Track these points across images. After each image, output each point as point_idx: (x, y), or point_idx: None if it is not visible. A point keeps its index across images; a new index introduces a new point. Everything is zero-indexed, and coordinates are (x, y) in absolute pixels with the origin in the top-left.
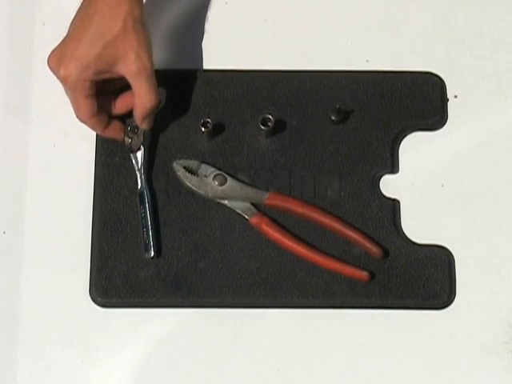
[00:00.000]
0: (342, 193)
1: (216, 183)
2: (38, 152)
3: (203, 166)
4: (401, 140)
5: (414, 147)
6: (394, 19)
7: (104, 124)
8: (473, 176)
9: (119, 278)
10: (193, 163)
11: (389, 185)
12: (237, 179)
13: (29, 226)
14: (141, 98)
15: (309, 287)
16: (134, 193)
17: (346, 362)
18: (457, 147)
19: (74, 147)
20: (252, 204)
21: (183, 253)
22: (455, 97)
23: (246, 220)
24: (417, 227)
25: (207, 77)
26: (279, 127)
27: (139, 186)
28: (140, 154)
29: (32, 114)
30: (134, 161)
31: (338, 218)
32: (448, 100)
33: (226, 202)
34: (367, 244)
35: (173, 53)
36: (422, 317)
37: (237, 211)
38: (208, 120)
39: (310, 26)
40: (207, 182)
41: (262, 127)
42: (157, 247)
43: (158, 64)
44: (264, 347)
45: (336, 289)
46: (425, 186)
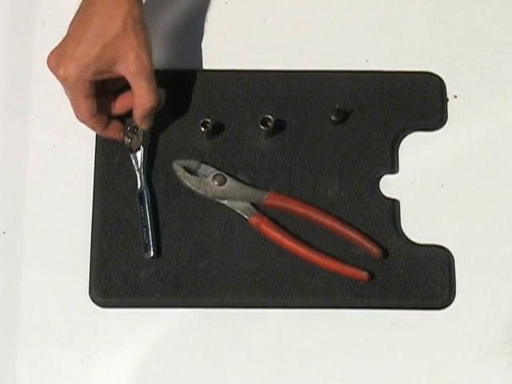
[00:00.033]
0: (342, 193)
1: (216, 183)
2: (38, 152)
3: (203, 166)
4: (401, 140)
5: (414, 147)
6: (394, 19)
7: (104, 124)
8: (472, 176)
9: (119, 278)
10: (192, 163)
11: (388, 185)
12: (236, 179)
13: (29, 226)
14: (140, 98)
15: (308, 287)
16: (134, 193)
17: (346, 362)
18: (456, 147)
19: (74, 147)
20: (252, 204)
21: (183, 253)
22: (455, 97)
23: (246, 220)
24: (416, 227)
25: (207, 77)
26: (279, 127)
27: (139, 186)
28: (140, 154)
29: (32, 114)
30: (134, 161)
31: (338, 218)
32: (448, 100)
33: (226, 202)
34: (367, 244)
35: (172, 53)
36: (422, 317)
37: (236, 211)
38: (208, 120)
39: (310, 26)
40: (207, 182)
41: (262, 127)
42: (156, 247)
43: (158, 64)
44: (264, 347)
45: (336, 289)
46: (424, 186)
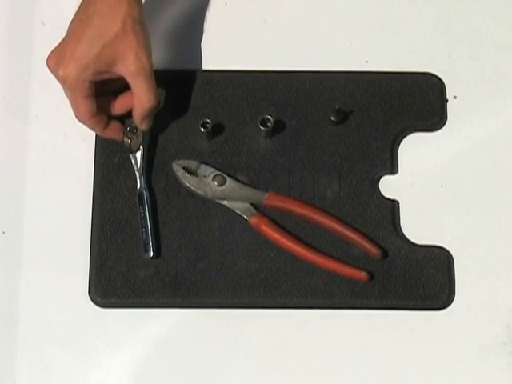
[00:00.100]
0: (342, 193)
1: (215, 184)
2: (38, 152)
3: (202, 167)
4: (400, 141)
5: (414, 148)
6: (394, 20)
7: (103, 124)
8: (472, 177)
9: (118, 279)
10: (192, 163)
11: (388, 185)
12: (236, 180)
13: (28, 226)
14: (140, 99)
15: (308, 288)
16: (134, 193)
17: (346, 363)
18: (456, 148)
19: (74, 147)
20: (251, 204)
21: (182, 253)
22: (455, 97)
23: (246, 220)
24: (416, 228)
25: (207, 77)
26: (279, 128)
27: (138, 187)
28: (139, 155)
29: (31, 115)
30: (134, 161)
31: (338, 219)
32: (447, 101)
33: (226, 203)
34: (366, 244)
35: (172, 53)
36: (421, 317)
37: (236, 212)
38: (207, 120)
39: (310, 27)
40: (206, 183)
41: (262, 128)
42: (156, 247)
43: (158, 64)
44: (263, 347)
45: (335, 289)
46: (424, 187)
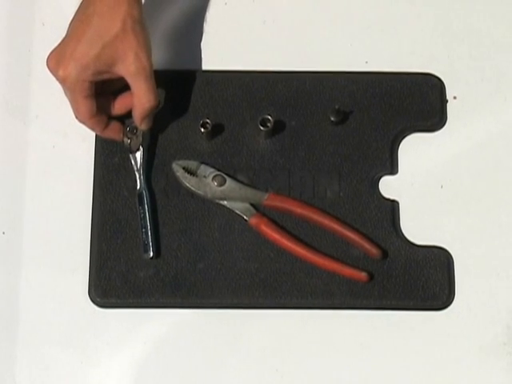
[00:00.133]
0: (342, 193)
1: (215, 184)
2: (38, 152)
3: (202, 167)
4: (400, 141)
5: (414, 148)
6: (394, 20)
7: (103, 124)
8: (472, 177)
9: (118, 279)
10: (192, 164)
11: (388, 186)
12: (236, 180)
13: (28, 227)
14: (140, 99)
15: (308, 288)
16: (134, 193)
17: (345, 363)
18: (456, 148)
19: (74, 148)
20: (251, 205)
21: (182, 253)
22: (454, 98)
23: (245, 221)
24: (416, 228)
25: (206, 77)
26: (278, 128)
27: (138, 187)
28: (139, 155)
29: (31, 115)
30: (134, 161)
31: (337, 219)
32: (447, 101)
33: (225, 203)
34: (366, 245)
35: (172, 53)
36: (421, 318)
37: (236, 212)
38: (207, 121)
39: (310, 27)
40: (206, 183)
41: (262, 128)
42: (156, 248)
43: (158, 64)
44: (263, 348)
45: (335, 289)
46: (424, 187)
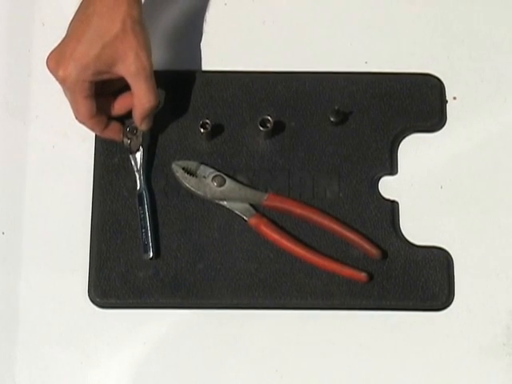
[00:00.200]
0: (341, 194)
1: (215, 184)
2: (37, 152)
3: (202, 167)
4: (400, 141)
5: (413, 149)
6: (393, 21)
7: (103, 125)
8: (471, 178)
9: (118, 279)
10: (192, 164)
11: (387, 186)
12: (236, 180)
13: (28, 227)
14: (140, 99)
15: (307, 288)
16: (133, 193)
17: (345, 363)
18: (456, 149)
19: (74, 148)
20: (251, 205)
21: (182, 254)
22: (454, 98)
23: (245, 221)
24: (415, 229)
25: (206, 78)
26: (278, 128)
27: (138, 187)
28: (139, 155)
29: (31, 115)
30: (133, 161)
31: (337, 219)
32: (447, 102)
33: (225, 203)
34: (366, 245)
35: (172, 54)
36: (421, 318)
37: (235, 212)
38: (207, 121)
39: (309, 28)
40: (206, 183)
41: (261, 128)
42: (156, 248)
43: (157, 65)
44: (263, 348)
45: (335, 290)
46: (423, 188)
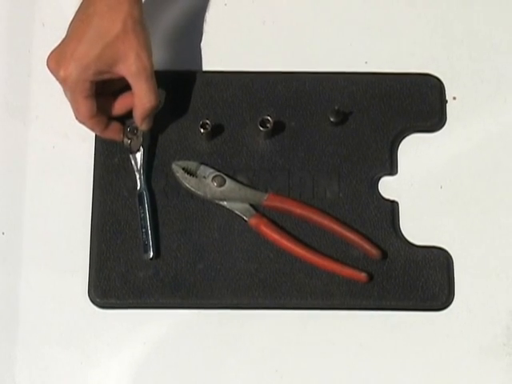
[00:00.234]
0: (341, 194)
1: (215, 184)
2: (38, 153)
3: (202, 167)
4: (400, 141)
5: (413, 149)
6: (393, 21)
7: (103, 125)
8: (471, 178)
9: (118, 279)
10: (192, 164)
11: (387, 186)
12: (236, 180)
13: (28, 227)
14: (140, 99)
15: (307, 288)
16: (133, 194)
17: (345, 364)
18: (455, 149)
19: (74, 148)
20: (251, 205)
21: (182, 254)
22: (454, 98)
23: (245, 221)
24: (415, 229)
25: (206, 78)
26: (278, 128)
27: (138, 187)
28: (139, 155)
29: (31, 115)
30: (134, 162)
31: (337, 220)
32: (447, 102)
33: (225, 203)
34: (366, 245)
35: (172, 54)
36: (421, 318)
37: (236, 212)
38: (207, 121)
39: (309, 28)
40: (206, 183)
41: (261, 128)
42: (156, 248)
43: (158, 65)
44: (263, 348)
45: (335, 290)
46: (423, 188)
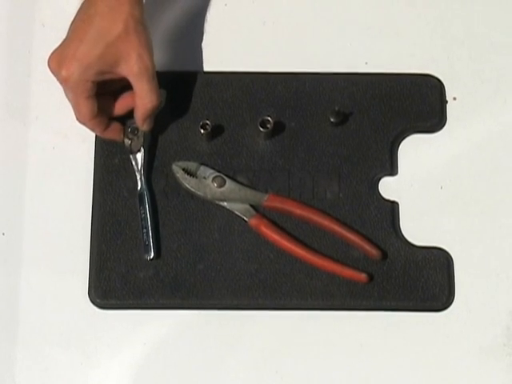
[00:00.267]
0: (341, 195)
1: (215, 185)
2: (38, 153)
3: (202, 168)
4: (400, 142)
5: (413, 149)
6: (393, 21)
7: (104, 125)
8: (471, 178)
9: (118, 280)
10: (192, 165)
11: (388, 187)
12: (236, 181)
13: (28, 228)
14: (142, 99)
15: (308, 289)
16: (133, 194)
17: (345, 364)
18: (455, 149)
19: (74, 149)
20: (251, 206)
21: (182, 254)
22: (454, 99)
23: (245, 222)
24: (415, 229)
25: (206, 79)
26: (278, 129)
27: (139, 187)
28: (140, 156)
29: (31, 116)
30: (134, 162)
31: (337, 220)
32: (447, 102)
33: (225, 204)
34: (366, 246)
35: (172, 55)
36: (421, 319)
37: (236, 213)
38: (207, 122)
39: (309, 28)
40: (206, 184)
41: (261, 129)
42: (156, 248)
43: (158, 66)
44: (263, 349)
45: (335, 291)
46: (424, 188)
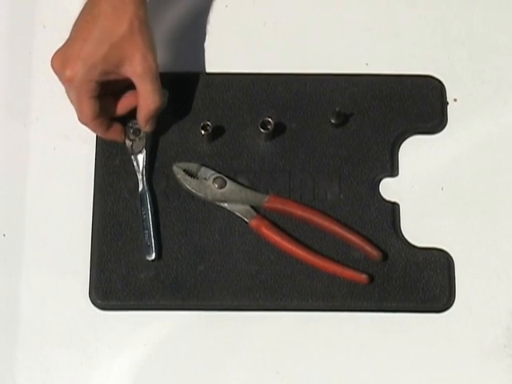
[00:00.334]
0: (342, 196)
1: (216, 186)
2: (38, 154)
3: (203, 169)
4: (400, 143)
5: (414, 150)
6: (394, 22)
7: (105, 126)
8: (472, 179)
9: (119, 281)
10: (192, 166)
11: (388, 188)
12: (236, 182)
13: (29, 229)
14: (145, 100)
15: (308, 290)
16: (134, 195)
17: (346, 365)
18: (456, 150)
19: (74, 150)
20: (251, 207)
21: (183, 255)
22: (455, 100)
23: (246, 223)
24: (416, 230)
25: (207, 80)
26: (279, 130)
27: (140, 188)
28: (141, 156)
29: (32, 117)
30: (135, 163)
31: (338, 221)
32: (448, 103)
33: (226, 205)
34: (367, 247)
35: (173, 56)
36: (422, 320)
37: (236, 214)
38: (208, 123)
39: (310, 29)
40: (207, 185)
41: (262, 130)
42: (157, 250)
43: (159, 67)
44: (263, 350)
45: (335, 292)
46: (424, 189)
